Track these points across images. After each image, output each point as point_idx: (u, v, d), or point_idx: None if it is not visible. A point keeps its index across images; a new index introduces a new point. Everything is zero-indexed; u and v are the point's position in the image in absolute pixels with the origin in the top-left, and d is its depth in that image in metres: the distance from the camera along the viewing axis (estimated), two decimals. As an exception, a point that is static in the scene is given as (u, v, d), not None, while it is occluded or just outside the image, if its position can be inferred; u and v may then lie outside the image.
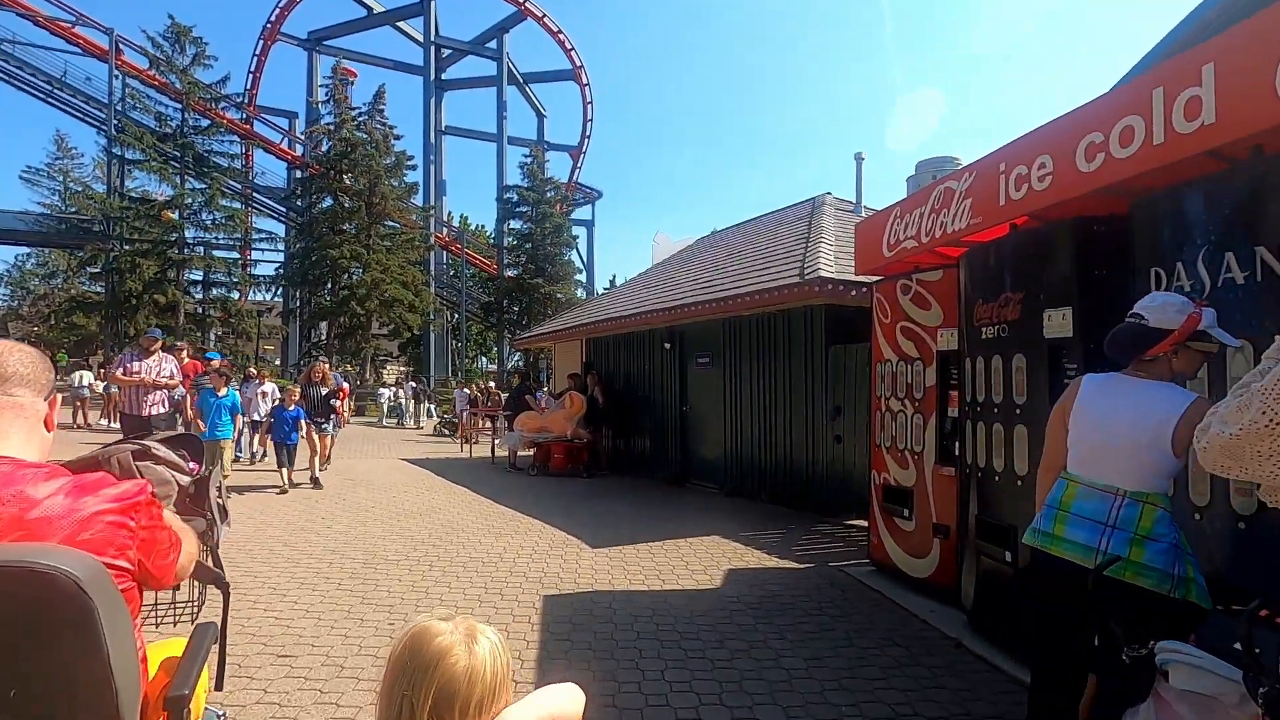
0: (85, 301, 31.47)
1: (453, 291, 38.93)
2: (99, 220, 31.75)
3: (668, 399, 10.37)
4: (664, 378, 10.49)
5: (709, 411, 9.48)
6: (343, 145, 28.05)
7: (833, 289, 6.78)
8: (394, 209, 28.20)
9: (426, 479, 10.28)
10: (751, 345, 8.61)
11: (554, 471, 10.98)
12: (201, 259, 30.77)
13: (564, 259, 33.28)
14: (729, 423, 9.00)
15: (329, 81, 29.87)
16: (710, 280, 9.45)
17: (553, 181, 34.03)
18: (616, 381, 11.90)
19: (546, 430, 11.12)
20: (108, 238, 31.07)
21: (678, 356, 10.14)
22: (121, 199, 31.38)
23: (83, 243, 31.22)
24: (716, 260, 10.99)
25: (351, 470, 11.15)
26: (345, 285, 26.66)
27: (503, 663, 1.05)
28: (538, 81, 46.20)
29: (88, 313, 32.05)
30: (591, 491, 9.29)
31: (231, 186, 33.38)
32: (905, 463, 4.77)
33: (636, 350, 11.29)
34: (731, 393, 8.97)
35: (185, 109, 31.13)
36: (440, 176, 43.06)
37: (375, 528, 6.58)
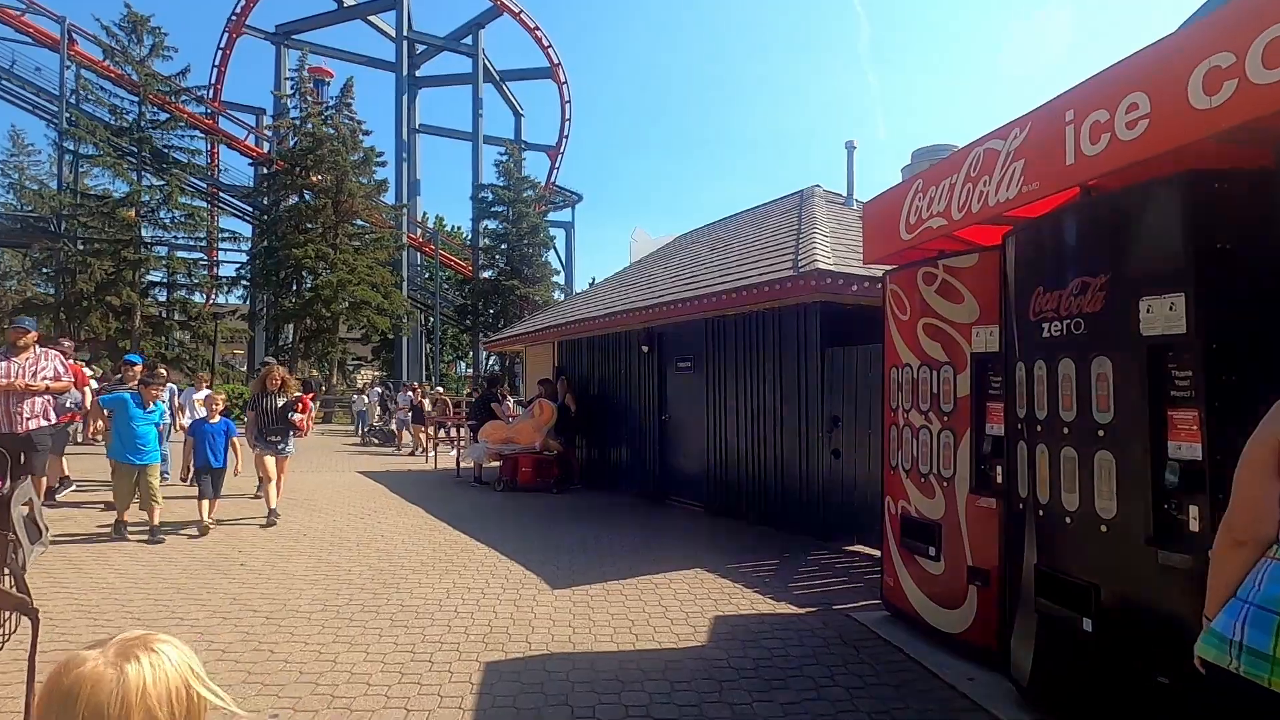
0: (33, 304, 29.78)
1: (426, 294, 37.76)
2: (52, 218, 30.16)
3: (646, 407, 9.48)
4: (642, 384, 9.60)
5: (691, 421, 8.61)
6: (309, 140, 26.83)
7: (831, 283, 5.93)
8: (362, 207, 27.02)
9: (379, 497, 9.27)
10: (738, 348, 7.75)
11: (522, 486, 10.03)
12: (159, 259, 29.32)
13: (541, 260, 32.27)
14: (713, 433, 8.13)
15: (295, 74, 28.61)
16: (692, 277, 8.59)
17: (529, 180, 33.05)
18: (590, 388, 10.98)
19: (513, 441, 10.16)
20: (59, 236, 29.52)
21: (656, 361, 9.26)
22: (74, 195, 29.86)
23: (30, 242, 29.56)
24: (699, 256, 10.13)
25: (298, 487, 10.09)
26: (310, 286, 25.38)
27: (172, 682, 0.88)
28: (515, 79, 45.19)
29: (35, 316, 30.33)
30: (560, 510, 8.36)
31: (194, 184, 32.01)
32: (930, 490, 3.92)
33: (612, 354, 10.39)
34: (716, 400, 8.10)
35: (142, 102, 29.72)
36: (414, 176, 41.86)
37: (299, 564, 5.59)
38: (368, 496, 9.29)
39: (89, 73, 30.66)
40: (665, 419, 9.11)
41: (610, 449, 10.39)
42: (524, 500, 9.20)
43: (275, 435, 7.43)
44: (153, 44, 29.63)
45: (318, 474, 11.53)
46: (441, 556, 5.89)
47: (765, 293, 6.43)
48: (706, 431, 8.22)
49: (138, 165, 29.85)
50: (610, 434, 10.37)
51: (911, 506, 4.05)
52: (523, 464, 10.05)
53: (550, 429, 10.26)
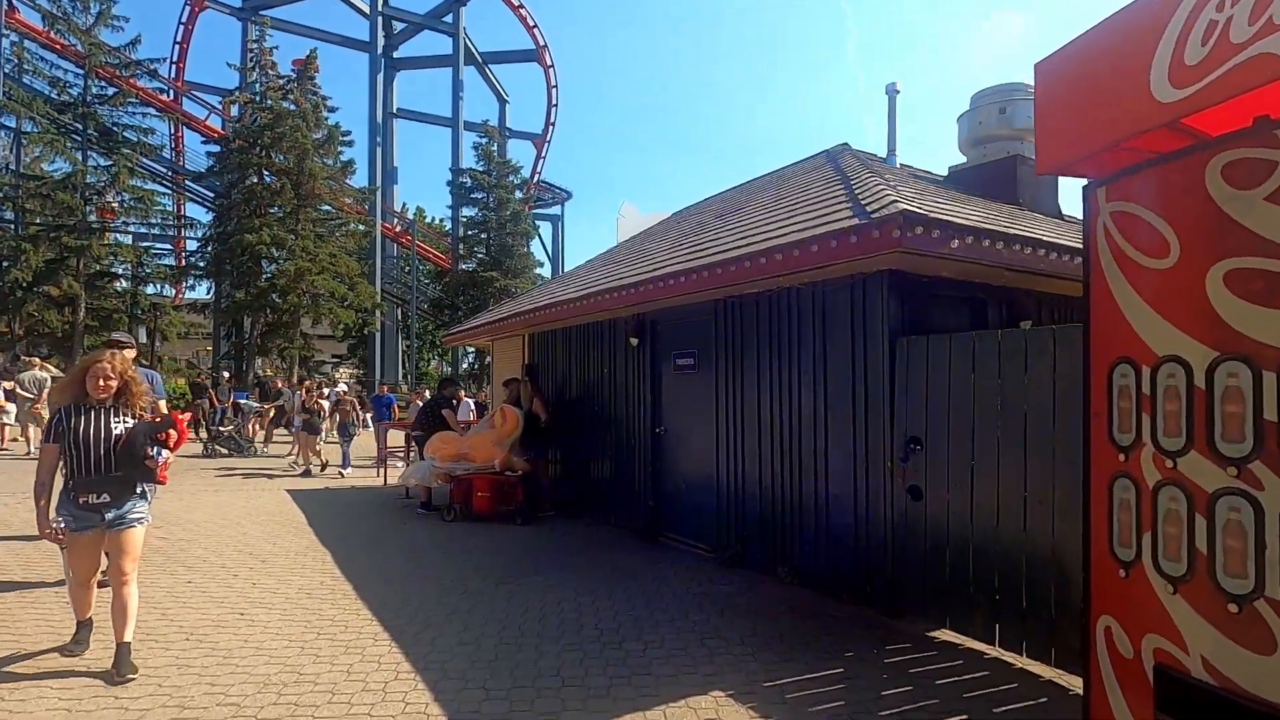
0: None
1: (402, 287, 35.43)
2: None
3: (635, 416, 7.38)
4: (631, 386, 7.49)
5: (694, 435, 6.52)
6: (267, 116, 24.47)
7: (922, 236, 3.84)
8: (324, 190, 24.67)
9: (285, 532, 7.11)
10: (760, 339, 5.67)
11: (478, 515, 7.91)
12: (105, 246, 26.84)
13: (523, 251, 30.04)
14: (725, 453, 6.05)
15: (255, 46, 26.22)
16: (697, 247, 6.49)
17: (511, 165, 30.80)
18: (567, 390, 8.86)
19: (467, 459, 8.02)
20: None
21: (649, 356, 7.16)
22: (13, 176, 27.34)
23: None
24: (703, 225, 8.03)
25: (194, 509, 7.91)
26: (266, 275, 23.04)
27: None
28: (498, 62, 42.89)
29: (-37, 307, 27.77)
30: (522, 555, 6.24)
31: (149, 166, 29.57)
32: (1245, 626, 1.83)
33: (593, 349, 8.27)
34: (728, 410, 6.01)
35: (88, 75, 27.25)
36: (390, 163, 39.54)
37: (34, 704, 3.44)
38: (271, 531, 7.12)
39: (30, 43, 28.20)
40: (660, 432, 7.01)
41: (591, 467, 8.27)
42: (477, 537, 7.07)
43: (103, 491, 3.56)
44: (100, 11, 27.17)
45: (233, 493, 9.34)
46: (300, 676, 3.75)
47: (813, 254, 4.33)
48: (716, 450, 6.13)
49: (83, 144, 27.41)
50: (591, 449, 8.26)
51: (1189, 654, 1.96)
52: (479, 487, 7.91)
53: (514, 443, 8.13)
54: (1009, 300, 5.38)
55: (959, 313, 5.10)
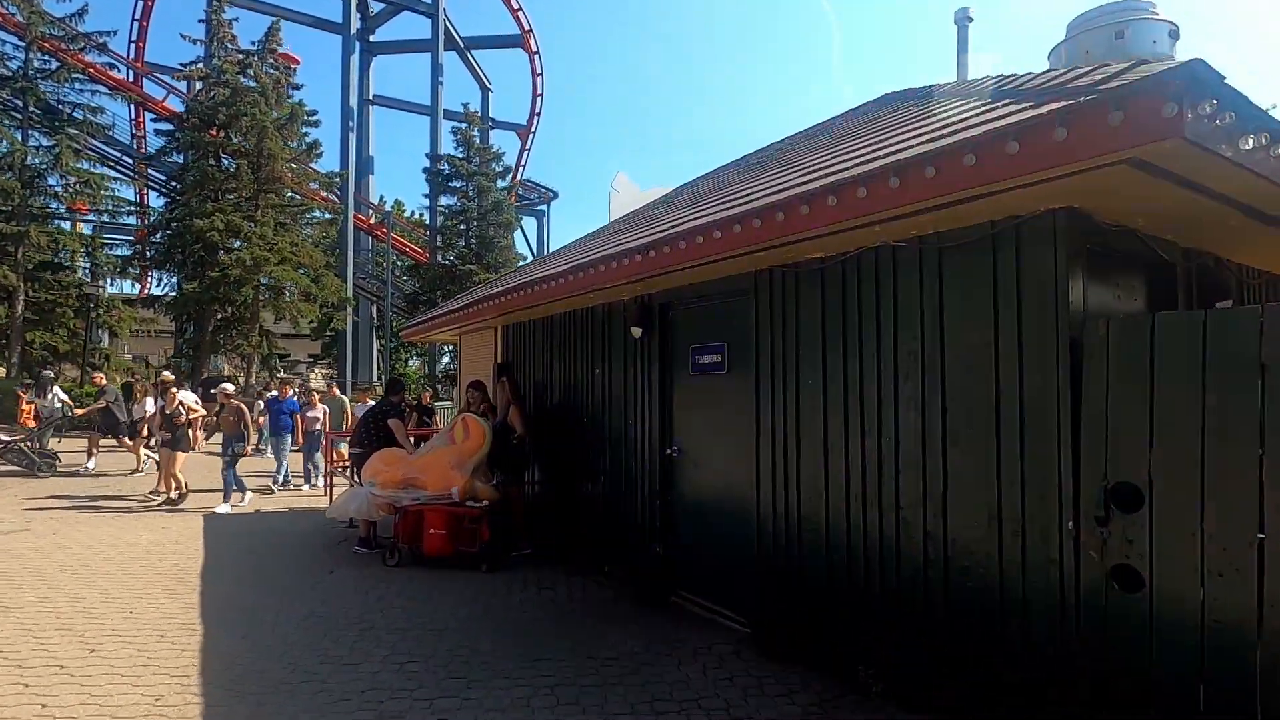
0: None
1: (376, 283, 33.31)
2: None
3: (638, 432, 5.54)
4: (631, 392, 5.66)
5: (722, 460, 4.71)
6: (224, 92, 22.35)
7: (1212, 121, 2.03)
8: (286, 173, 22.57)
9: (160, 584, 5.20)
10: (830, 324, 3.87)
11: (430, 558, 6.05)
12: (45, 233, 24.51)
13: (505, 243, 28.07)
14: (771, 487, 4.23)
15: (211, 16, 24.06)
16: (731, 197, 4.65)
17: (492, 151, 28.84)
18: (548, 396, 7.02)
19: (417, 485, 6.15)
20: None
21: (655, 352, 5.33)
22: (-61, 155, 24.97)
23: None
24: (725, 183, 6.22)
25: (70, 544, 5.93)
26: (216, 265, 20.90)
27: None
28: (481, 48, 40.87)
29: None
30: (482, 627, 4.40)
31: (99, 148, 27.29)
32: None
33: (582, 342, 6.43)
34: (776, 425, 4.19)
35: (28, 46, 24.96)
36: (366, 152, 37.44)
37: None
38: (141, 584, 5.21)
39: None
40: (672, 454, 5.18)
41: (578, 497, 6.42)
42: (423, 594, 5.21)
43: None
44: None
45: (138, 518, 7.39)
46: None
47: (970, 172, 2.50)
48: (756, 482, 4.32)
49: (22, 122, 25.11)
50: (578, 473, 6.41)
51: None
52: (431, 523, 6.04)
53: (480, 464, 6.28)
54: (1201, 271, 3.63)
55: (1133, 287, 3.34)
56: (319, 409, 10.76)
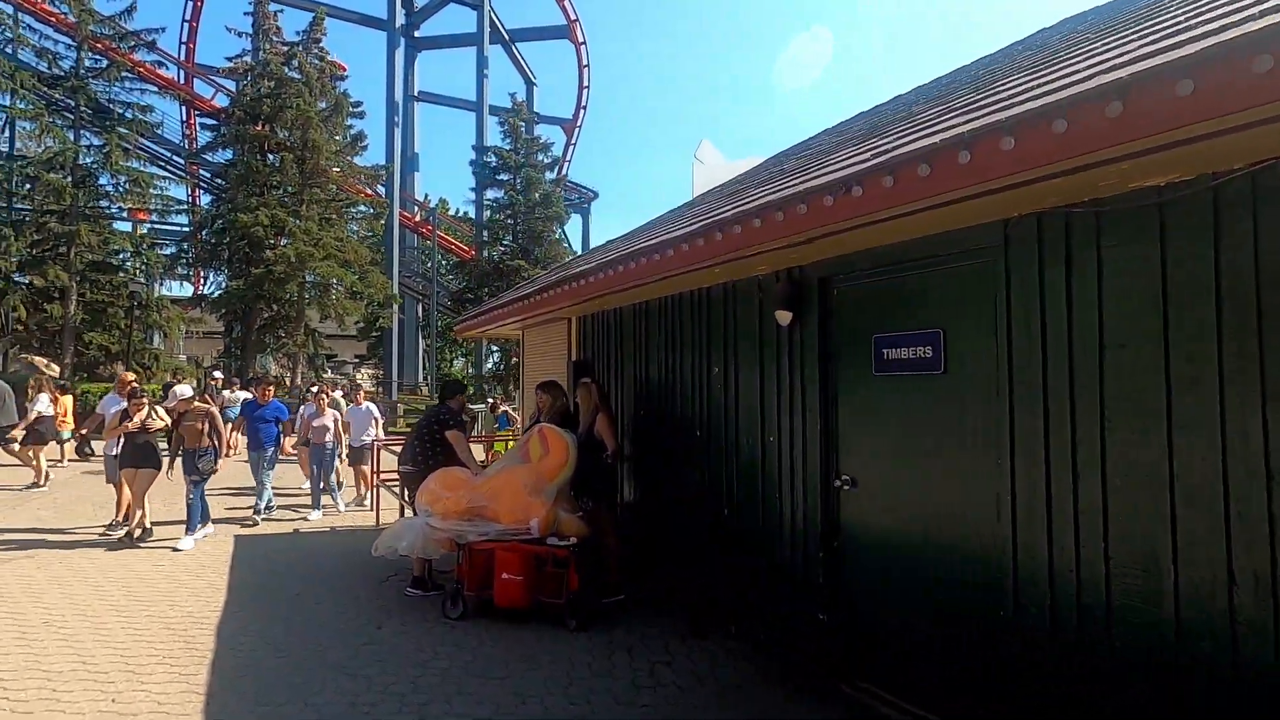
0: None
1: (421, 281, 32.60)
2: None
3: (786, 453, 4.10)
4: (774, 399, 4.22)
5: (931, 495, 3.24)
6: (269, 85, 21.69)
7: None
8: (329, 168, 21.77)
9: (162, 640, 3.98)
10: (1164, 286, 2.36)
11: (502, 611, 4.72)
12: (96, 233, 24.25)
13: (554, 237, 26.91)
14: (1038, 531, 2.75)
15: (254, 7, 23.48)
16: (951, 111, 3.17)
17: (539, 142, 27.72)
18: (639, 402, 5.64)
19: (485, 515, 4.83)
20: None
21: (814, 344, 3.88)
22: (0, 158, 25.02)
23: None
24: (925, 108, 4.74)
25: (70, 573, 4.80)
26: (261, 262, 20.19)
27: None
28: (526, 40, 39.96)
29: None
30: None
31: (148, 147, 27.09)
32: None
33: (692, 333, 5.02)
34: (1055, 444, 2.71)
35: (80, 46, 24.79)
36: (411, 149, 36.88)
37: None
38: (142, 638, 3.99)
39: (20, 13, 25.86)
40: (843, 486, 3.71)
41: (687, 529, 5.02)
42: (501, 666, 3.89)
43: None
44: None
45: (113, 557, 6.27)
46: None
47: None
48: (1009, 528, 2.85)
49: (75, 122, 24.97)
50: (688, 498, 5.01)
51: None
52: (505, 565, 4.70)
53: (563, 488, 4.93)
54: None
55: None
56: (328, 416, 8.56)
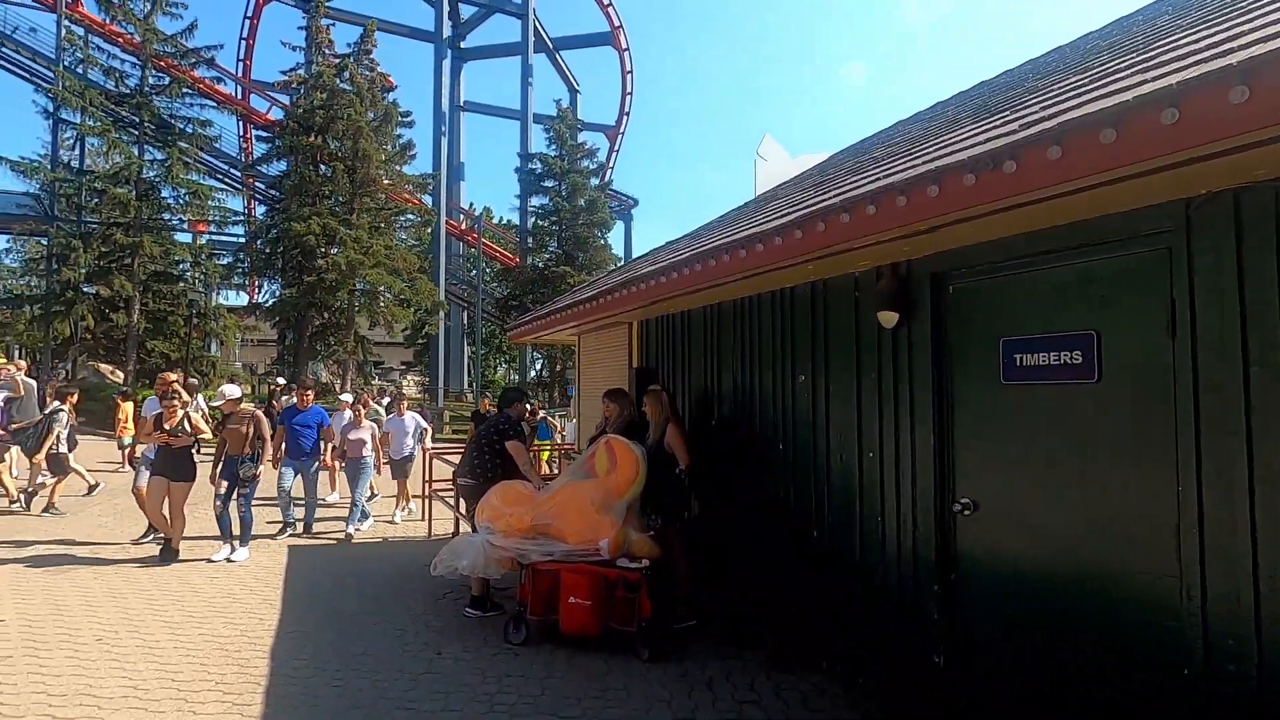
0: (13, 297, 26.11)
1: (466, 288, 32.82)
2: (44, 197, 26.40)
3: (885, 470, 3.66)
4: (871, 409, 3.78)
5: (1080, 526, 2.75)
6: (321, 96, 22.08)
7: None
8: (379, 177, 22.01)
9: (212, 661, 3.74)
10: None
11: (567, 635, 4.37)
12: (158, 244, 25.04)
13: (599, 243, 26.74)
14: (1228, 570, 2.26)
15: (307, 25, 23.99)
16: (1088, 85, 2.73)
17: (584, 148, 27.62)
18: (709, 412, 5.25)
19: (550, 534, 4.50)
20: (50, 218, 25.78)
21: (923, 347, 3.44)
22: (68, 170, 26.09)
23: (9, 224, 25.94)
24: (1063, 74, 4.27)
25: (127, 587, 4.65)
26: (313, 270, 20.48)
27: None
28: (570, 48, 40.14)
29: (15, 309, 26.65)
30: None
31: (206, 161, 27.95)
32: None
33: (772, 337, 4.61)
34: (1260, 466, 2.22)
35: (144, 64, 25.72)
36: (457, 158, 37.32)
37: None
38: (190, 676, 3.76)
39: (90, 35, 26.99)
40: (964, 510, 3.25)
41: (770, 556, 4.59)
42: (571, 704, 3.53)
43: None
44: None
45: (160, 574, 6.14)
46: None
47: None
48: (1197, 563, 2.36)
49: (139, 137, 25.90)
50: (767, 517, 4.59)
51: None
52: (572, 588, 4.36)
53: (633, 504, 4.57)
54: None
55: None
56: (365, 428, 8.00)
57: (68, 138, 27.19)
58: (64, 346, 24.94)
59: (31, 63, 27.11)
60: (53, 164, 26.24)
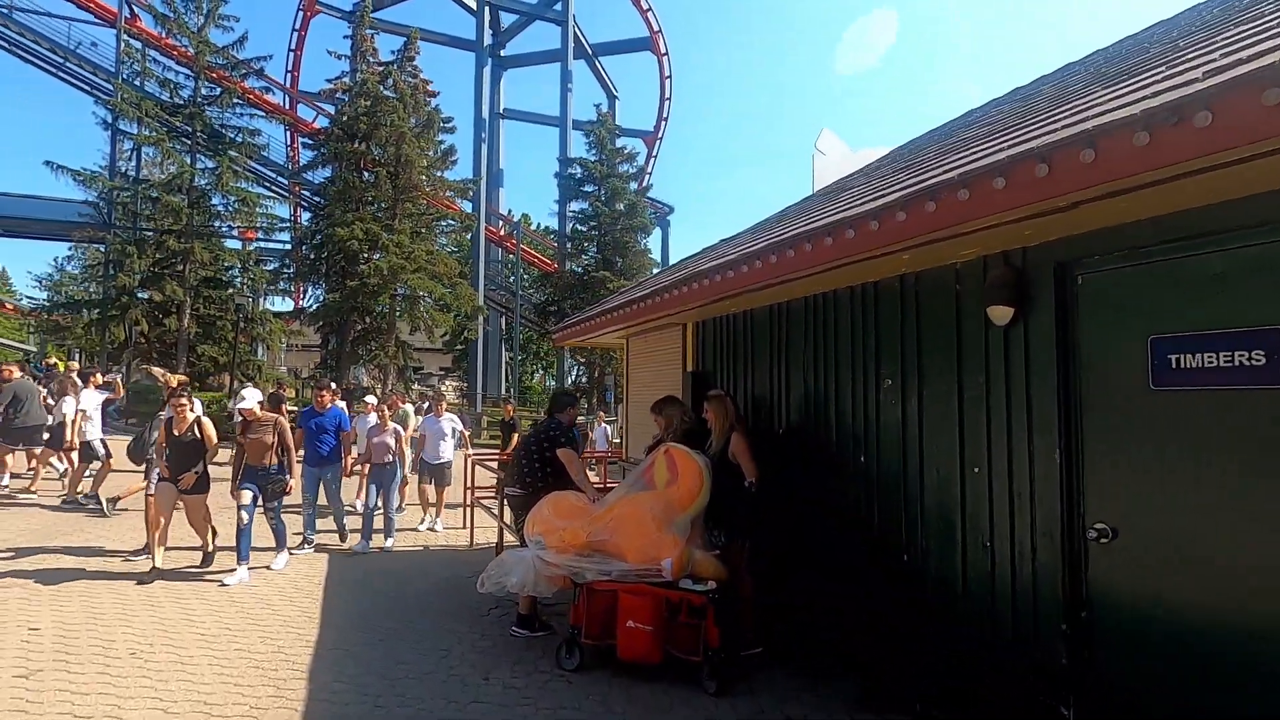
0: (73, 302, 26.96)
1: (505, 294, 32.87)
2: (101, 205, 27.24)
3: (994, 488, 3.19)
4: (976, 419, 3.32)
5: (1247, 553, 2.27)
6: (365, 103, 22.30)
7: None
8: (421, 183, 22.10)
9: (247, 682, 3.45)
10: None
11: (625, 664, 3.99)
12: (208, 250, 25.59)
13: (638, 247, 26.44)
14: None
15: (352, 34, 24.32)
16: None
17: (624, 152, 27.42)
18: (775, 420, 4.83)
19: (607, 551, 4.13)
20: (108, 226, 26.57)
21: (1046, 347, 2.98)
22: (125, 179, 26.88)
23: (70, 231, 26.82)
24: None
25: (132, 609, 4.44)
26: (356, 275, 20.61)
27: None
28: (609, 54, 40.12)
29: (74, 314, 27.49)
30: None
31: (254, 169, 28.54)
32: None
33: (855, 338, 4.18)
34: None
35: (198, 76, 26.39)
36: (496, 166, 37.56)
37: None
38: (222, 696, 3.48)
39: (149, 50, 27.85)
40: (1099, 537, 2.78)
41: (853, 577, 4.14)
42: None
43: None
44: (210, 9, 26.31)
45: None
46: None
47: None
48: None
49: (191, 146, 26.55)
50: (844, 535, 4.15)
51: None
52: (632, 611, 3.98)
53: (698, 519, 4.18)
54: None
55: None
56: (390, 431, 7.35)
57: (127, 150, 28.10)
58: (119, 350, 25.61)
59: (93, 76, 28.10)
60: (111, 173, 27.03)
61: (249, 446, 5.95)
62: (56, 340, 33.62)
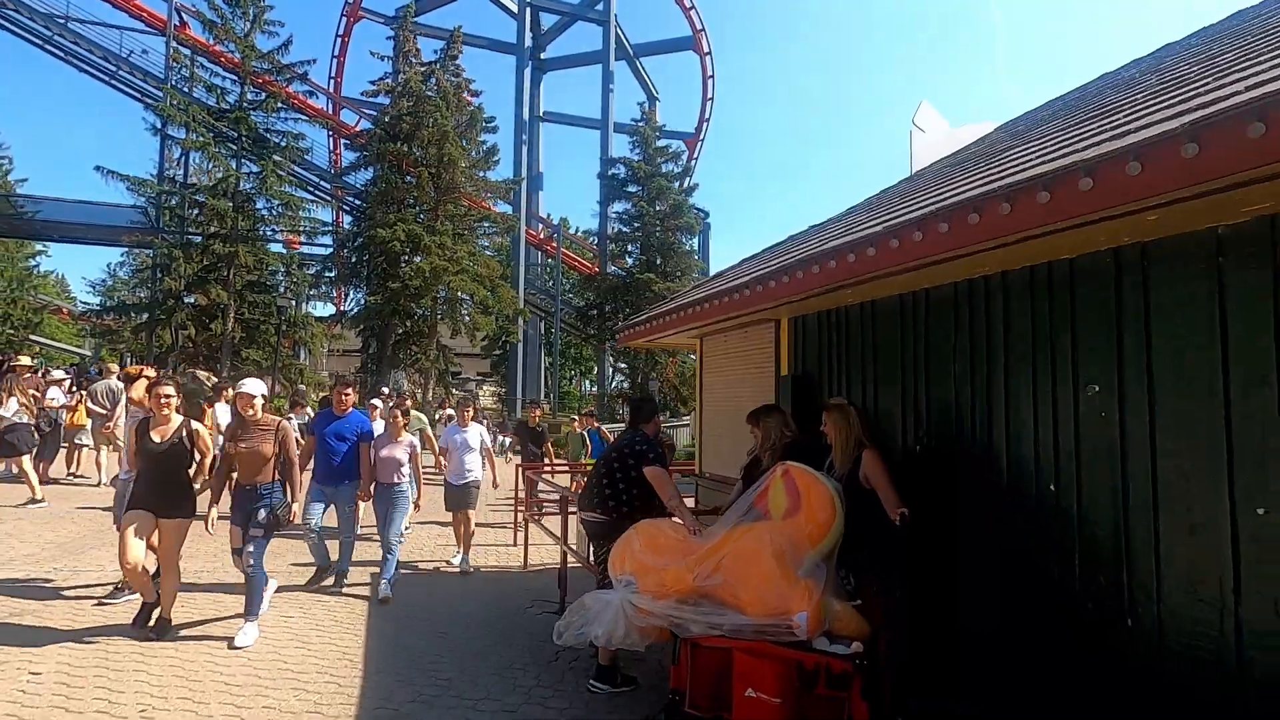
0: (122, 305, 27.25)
1: (545, 298, 32.36)
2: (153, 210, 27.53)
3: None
4: (1249, 438, 2.40)
5: None
6: (408, 103, 21.99)
7: None
8: (464, 181, 21.67)
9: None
10: None
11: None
12: (251, 254, 25.59)
13: (684, 248, 25.62)
14: None
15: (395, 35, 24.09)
16: None
17: (668, 151, 26.67)
18: (922, 432, 3.94)
19: (716, 599, 3.28)
20: (156, 230, 26.80)
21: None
22: (171, 184, 27.11)
23: (118, 235, 27.12)
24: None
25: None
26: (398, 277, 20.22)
27: None
28: (650, 54, 39.49)
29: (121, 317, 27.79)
30: None
31: (298, 173, 28.59)
32: None
33: (1033, 334, 3.27)
34: None
35: (243, 81, 26.52)
36: (536, 168, 37.17)
37: None
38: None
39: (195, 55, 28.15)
40: None
41: (1036, 636, 3.23)
42: None
43: None
44: (256, 14, 26.42)
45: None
46: None
47: None
48: None
49: (237, 151, 26.67)
50: (1045, 592, 3.24)
51: None
52: (751, 677, 3.12)
53: (831, 558, 3.32)
54: None
55: None
56: (404, 442, 5.94)
57: (176, 157, 28.42)
58: (165, 354, 25.76)
59: (143, 83, 28.47)
60: (159, 178, 27.29)
61: (241, 458, 4.54)
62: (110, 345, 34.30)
